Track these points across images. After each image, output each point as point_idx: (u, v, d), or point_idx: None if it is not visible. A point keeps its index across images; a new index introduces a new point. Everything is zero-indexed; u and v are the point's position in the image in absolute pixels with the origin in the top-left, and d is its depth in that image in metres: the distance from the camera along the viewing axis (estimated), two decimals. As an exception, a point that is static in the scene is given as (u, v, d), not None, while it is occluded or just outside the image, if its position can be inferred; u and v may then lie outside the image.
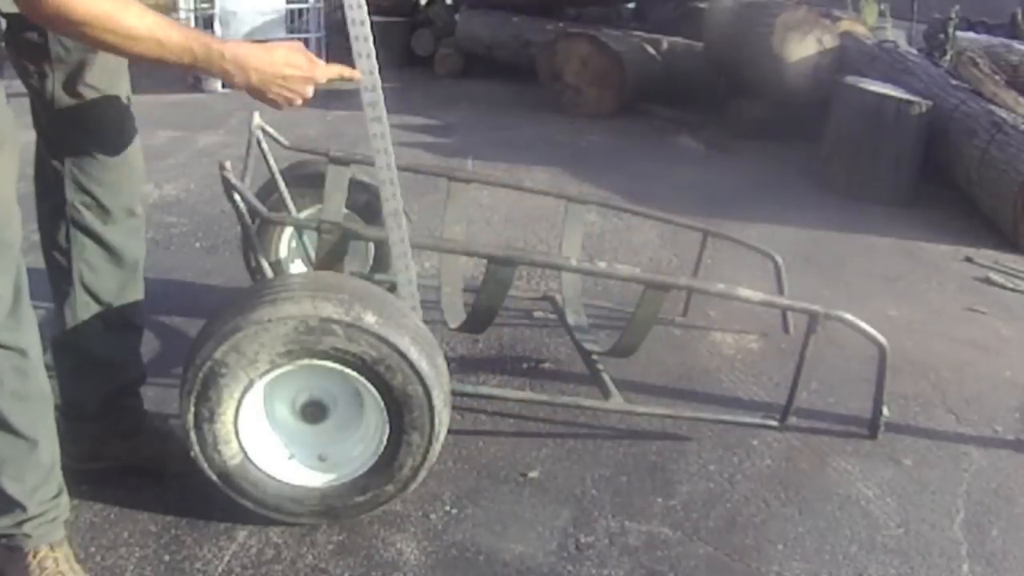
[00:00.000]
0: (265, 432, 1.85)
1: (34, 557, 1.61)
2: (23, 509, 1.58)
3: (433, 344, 1.86)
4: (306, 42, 6.45)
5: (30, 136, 1.63)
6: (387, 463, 1.82)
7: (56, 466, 1.64)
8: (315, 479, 1.85)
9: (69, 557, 1.66)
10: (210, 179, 4.00)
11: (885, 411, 2.24)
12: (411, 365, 1.74)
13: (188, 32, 1.51)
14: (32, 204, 1.79)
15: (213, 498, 1.83)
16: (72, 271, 1.81)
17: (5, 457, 1.54)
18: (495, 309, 2.12)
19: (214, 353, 1.72)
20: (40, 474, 1.59)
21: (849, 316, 2.15)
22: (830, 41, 5.12)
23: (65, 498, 1.67)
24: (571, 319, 2.63)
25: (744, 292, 2.16)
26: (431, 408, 1.77)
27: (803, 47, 5.05)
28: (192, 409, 1.75)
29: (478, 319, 2.17)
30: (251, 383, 1.75)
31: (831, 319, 2.13)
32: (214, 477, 1.81)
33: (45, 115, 1.71)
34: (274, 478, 1.83)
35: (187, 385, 1.74)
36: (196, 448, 1.78)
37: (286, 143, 2.55)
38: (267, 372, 1.75)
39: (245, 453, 1.81)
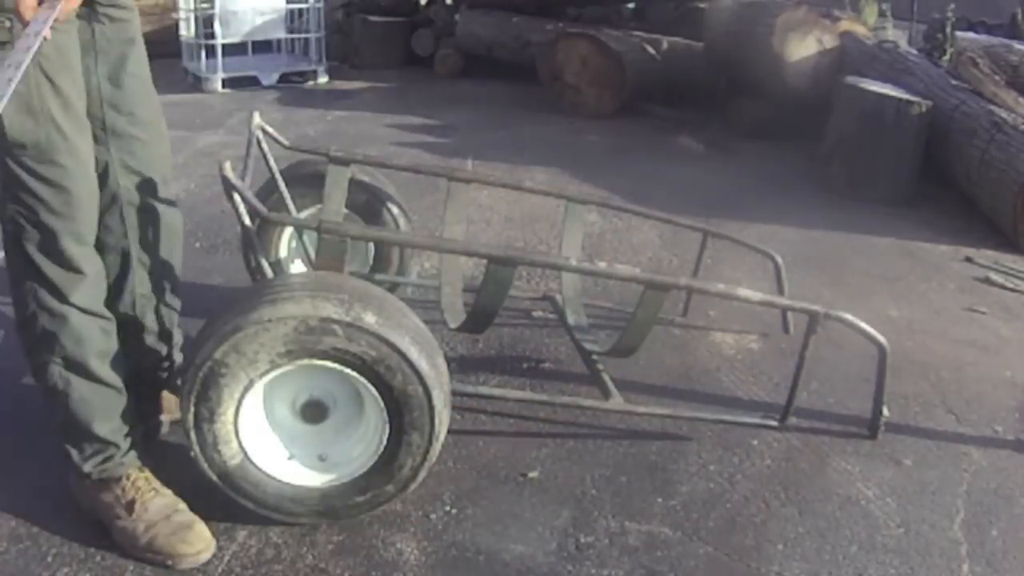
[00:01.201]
0: (265, 432, 1.85)
1: (128, 479, 1.85)
2: (116, 447, 1.83)
3: (433, 344, 1.86)
4: (306, 42, 6.48)
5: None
6: (387, 463, 1.82)
7: (131, 406, 1.87)
8: (315, 479, 1.85)
9: (150, 476, 1.88)
10: (210, 179, 4.00)
11: (885, 411, 2.24)
12: (411, 365, 1.74)
13: None
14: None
15: (213, 498, 1.84)
16: (130, 252, 1.93)
17: (97, 405, 1.80)
18: (495, 309, 2.12)
19: (214, 353, 1.72)
20: (126, 415, 1.85)
21: (849, 316, 2.15)
22: (830, 41, 5.12)
23: (139, 428, 1.91)
24: (571, 319, 2.63)
25: (744, 292, 2.17)
26: (431, 408, 1.77)
27: (803, 47, 5.05)
28: (192, 409, 1.75)
29: (478, 319, 2.17)
30: (251, 383, 1.75)
31: (831, 319, 2.13)
32: (214, 477, 1.81)
33: (91, 107, 1.79)
34: (274, 478, 1.83)
35: (187, 385, 1.74)
36: (196, 448, 1.79)
37: (286, 143, 2.55)
38: (267, 372, 1.75)
39: (245, 453, 1.81)
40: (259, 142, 2.46)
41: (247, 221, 1.94)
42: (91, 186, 1.74)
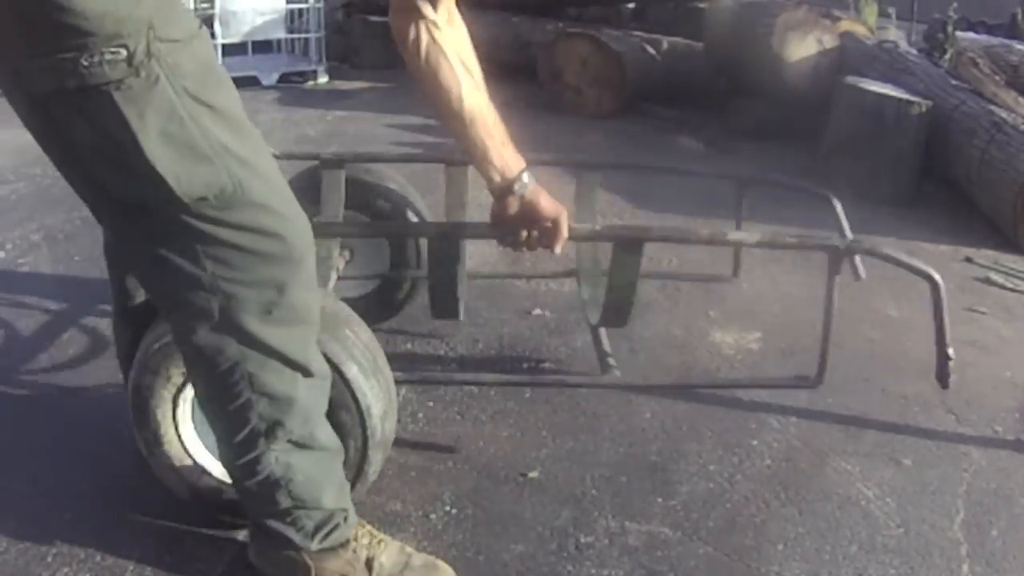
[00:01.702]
0: (211, 445, 1.78)
1: (355, 539, 1.66)
2: (344, 511, 1.63)
3: (376, 353, 1.79)
4: (306, 42, 6.48)
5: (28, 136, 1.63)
6: None
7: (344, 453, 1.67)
8: None
9: (365, 524, 1.71)
10: (210, 179, 3.98)
11: (951, 352, 2.03)
12: (343, 376, 1.65)
13: (496, 134, 1.60)
14: (33, 203, 1.79)
15: (213, 498, 1.83)
16: None
17: (323, 476, 1.57)
18: (630, 295, 1.95)
19: (138, 377, 1.69)
20: (342, 473, 1.65)
21: (886, 249, 1.87)
22: (830, 41, 5.12)
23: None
24: (586, 293, 2.54)
25: (737, 235, 2.02)
26: (362, 417, 1.70)
27: (803, 47, 5.05)
28: (140, 437, 1.74)
29: (615, 310, 2.01)
30: (175, 400, 1.72)
31: (859, 252, 1.85)
32: (185, 496, 1.80)
33: None
34: (226, 483, 1.77)
35: (131, 414, 1.73)
36: (159, 472, 1.77)
37: (275, 152, 2.51)
38: (184, 386, 1.70)
39: (202, 468, 1.79)
40: None
41: None
42: (297, 210, 1.39)
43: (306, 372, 1.46)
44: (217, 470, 1.78)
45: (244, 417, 1.43)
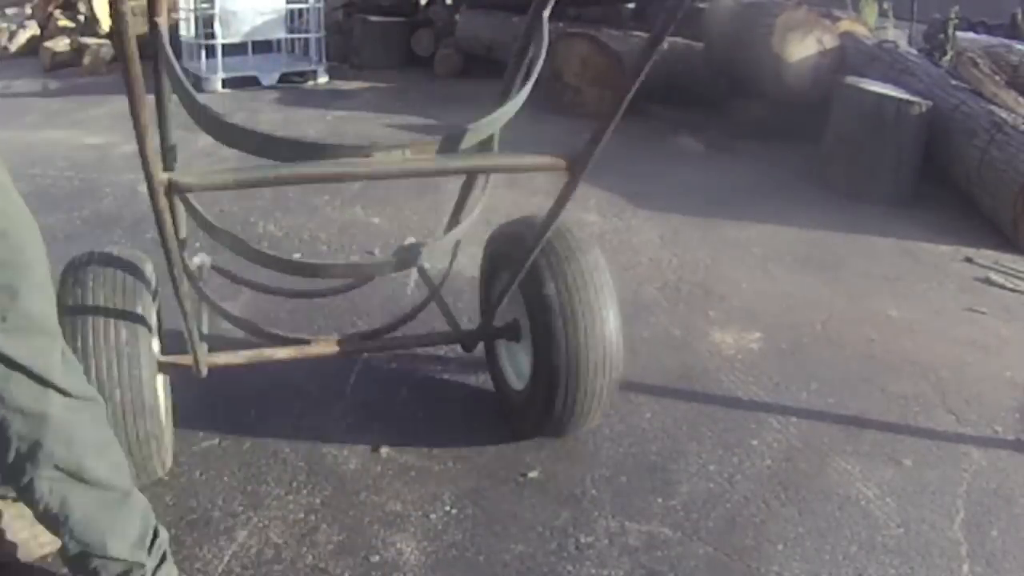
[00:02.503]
0: None
1: None
2: (140, 566, 1.51)
3: None
4: (306, 42, 6.48)
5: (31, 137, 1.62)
6: None
7: (147, 506, 1.56)
8: None
9: None
10: (210, 179, 3.99)
11: None
12: None
13: None
14: (33, 203, 1.78)
15: (213, 498, 1.84)
16: None
17: (105, 518, 1.45)
18: None
19: None
20: (144, 521, 1.53)
21: None
22: (830, 41, 5.12)
23: (164, 531, 1.59)
24: None
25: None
26: None
27: (803, 47, 5.05)
28: None
29: None
30: None
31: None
32: None
33: None
34: None
35: None
36: None
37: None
38: None
39: None
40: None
41: None
42: (27, 215, 1.38)
43: (61, 391, 1.38)
44: None
45: (6, 437, 1.37)
